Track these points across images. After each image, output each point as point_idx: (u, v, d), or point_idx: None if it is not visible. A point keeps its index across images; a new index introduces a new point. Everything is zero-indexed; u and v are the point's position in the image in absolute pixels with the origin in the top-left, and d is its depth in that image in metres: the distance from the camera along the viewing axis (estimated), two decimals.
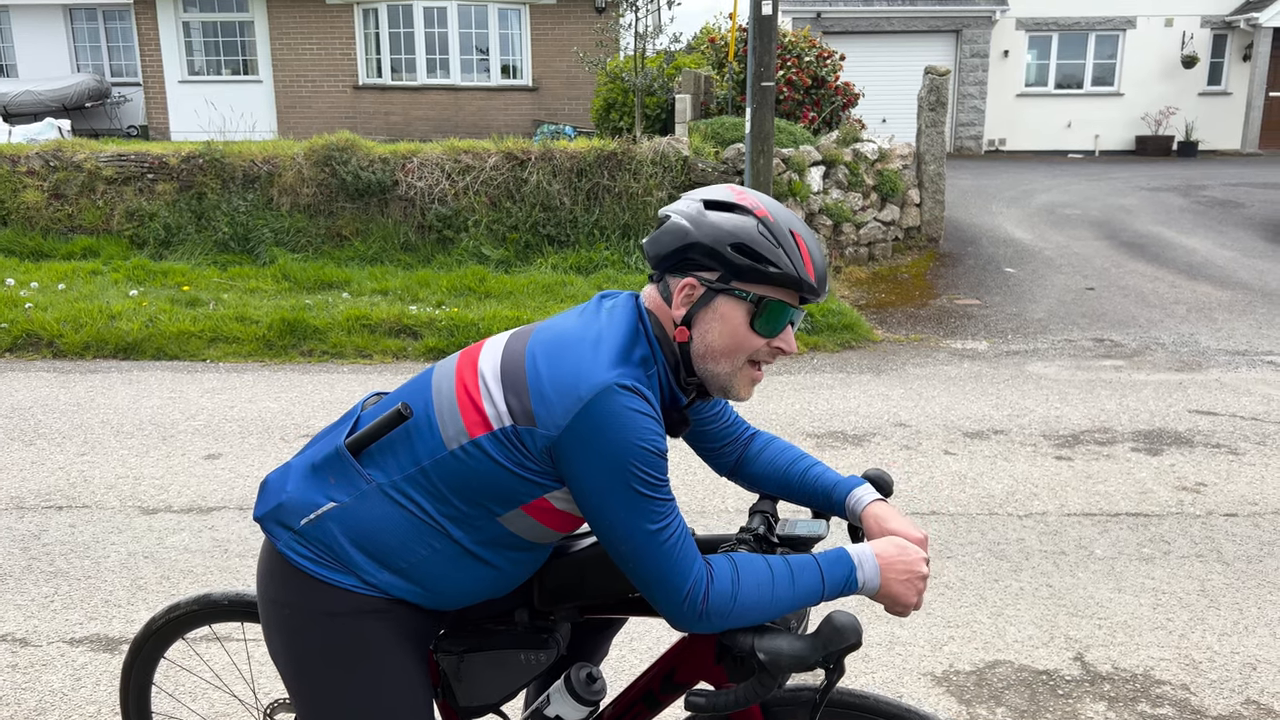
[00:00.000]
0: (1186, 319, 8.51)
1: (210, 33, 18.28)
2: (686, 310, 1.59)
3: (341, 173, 9.44)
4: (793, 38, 11.95)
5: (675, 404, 1.65)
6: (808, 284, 1.57)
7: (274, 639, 1.70)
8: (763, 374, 1.66)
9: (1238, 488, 4.85)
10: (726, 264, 1.56)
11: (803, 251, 1.57)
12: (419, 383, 1.71)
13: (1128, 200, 14.06)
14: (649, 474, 1.49)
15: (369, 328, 7.49)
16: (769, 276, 1.56)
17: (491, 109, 17.90)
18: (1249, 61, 20.64)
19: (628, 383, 1.49)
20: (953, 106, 19.97)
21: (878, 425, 5.74)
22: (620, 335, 1.57)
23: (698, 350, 1.60)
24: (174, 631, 2.14)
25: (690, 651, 1.77)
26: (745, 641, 1.54)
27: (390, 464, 1.63)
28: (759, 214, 1.58)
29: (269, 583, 1.70)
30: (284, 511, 1.67)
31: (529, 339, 1.61)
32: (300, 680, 1.68)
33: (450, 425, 1.59)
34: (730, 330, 1.58)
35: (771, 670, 1.51)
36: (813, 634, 1.52)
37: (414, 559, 1.62)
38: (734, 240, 1.55)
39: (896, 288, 9.59)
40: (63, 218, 9.74)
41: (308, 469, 1.69)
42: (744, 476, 1.92)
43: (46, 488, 4.72)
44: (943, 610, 3.66)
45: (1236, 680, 3.23)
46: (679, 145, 9.51)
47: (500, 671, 1.77)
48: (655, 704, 1.83)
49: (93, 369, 6.82)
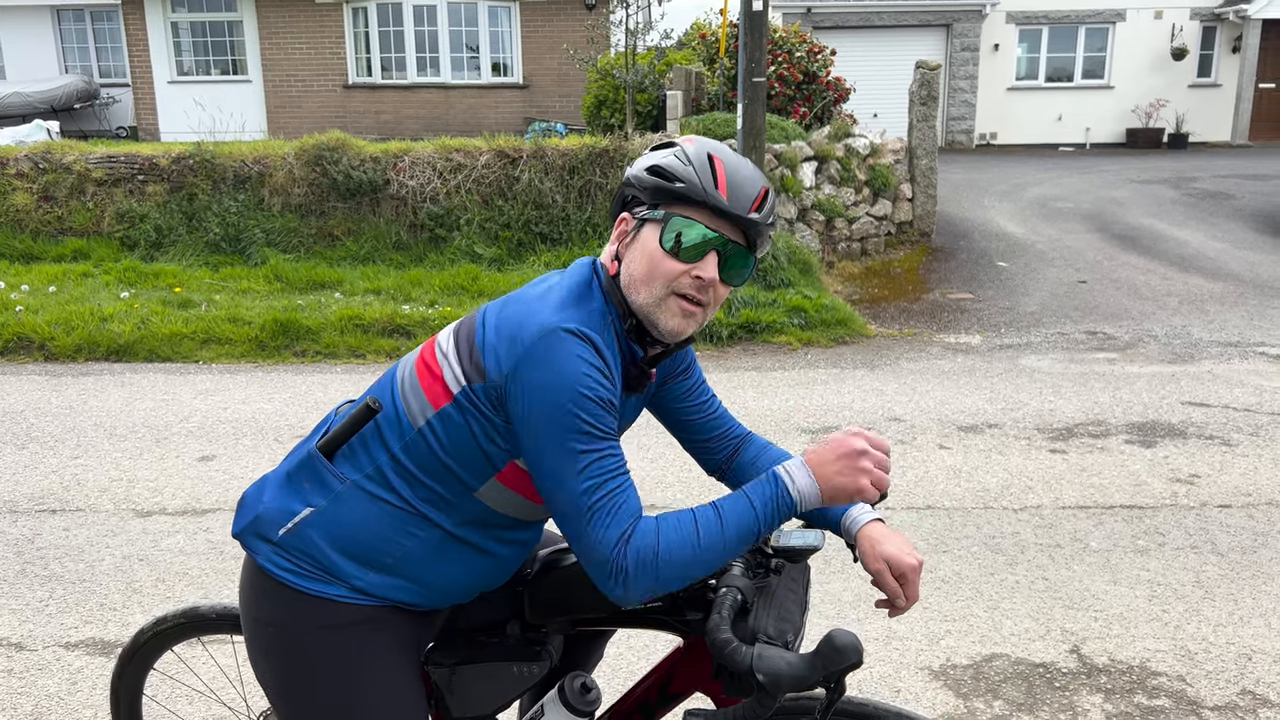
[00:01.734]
0: (1179, 311, 8.53)
1: (199, 33, 18.21)
2: (620, 245, 1.61)
3: (332, 172, 9.42)
4: (783, 33, 11.95)
5: (634, 357, 1.62)
6: (714, 198, 1.53)
7: (259, 660, 1.65)
8: (696, 308, 1.57)
9: (1231, 479, 4.87)
10: (642, 188, 1.58)
11: (718, 172, 1.55)
12: (385, 379, 1.70)
13: (1119, 193, 14.10)
14: (588, 420, 1.44)
15: (362, 328, 7.47)
16: (674, 193, 1.55)
17: (482, 107, 17.87)
18: (1238, 53, 20.69)
19: (572, 326, 1.47)
20: (944, 101, 19.99)
21: (872, 420, 5.75)
22: (570, 288, 1.57)
23: (624, 281, 1.59)
24: (161, 644, 2.11)
25: (686, 662, 1.75)
26: (744, 661, 1.49)
27: (363, 459, 1.61)
28: (683, 143, 1.60)
29: (252, 601, 1.65)
30: (261, 523, 1.63)
31: (483, 307, 1.63)
32: (288, 700, 1.63)
33: (415, 403, 1.58)
34: (647, 254, 1.56)
35: (771, 691, 1.49)
36: (812, 653, 1.48)
37: (399, 552, 1.59)
38: (649, 165, 1.59)
39: (889, 283, 9.60)
40: (53, 220, 9.69)
41: (283, 478, 1.67)
42: (735, 483, 1.86)
43: (40, 491, 4.70)
44: (939, 604, 3.66)
45: (1232, 671, 3.24)
46: None
47: (492, 683, 1.75)
48: (651, 715, 1.81)
49: (84, 371, 6.79)
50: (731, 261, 1.57)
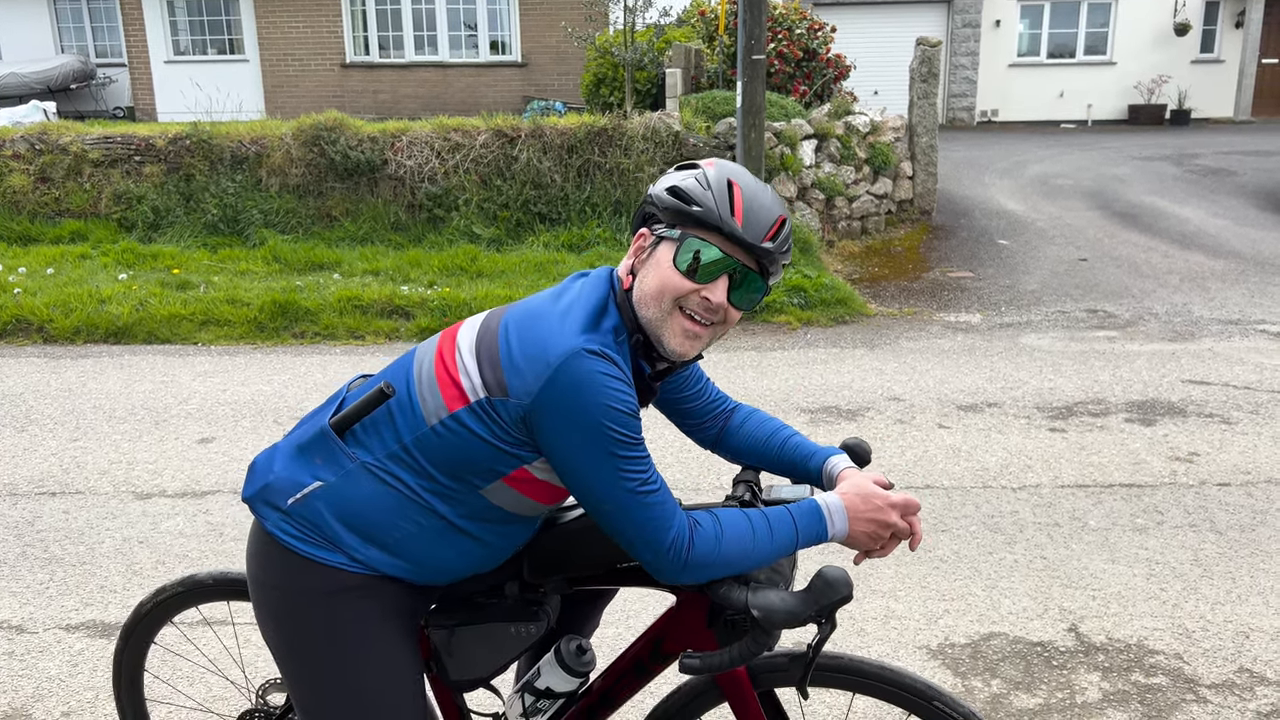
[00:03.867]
0: (1179, 289, 8.51)
1: (195, 11, 18.09)
2: (635, 260, 1.66)
3: (330, 152, 9.38)
4: (783, 10, 11.86)
5: (640, 373, 1.68)
6: (729, 225, 1.58)
7: (265, 620, 1.72)
8: (702, 329, 1.63)
9: (1230, 457, 4.87)
10: (662, 207, 1.63)
11: (735, 199, 1.59)
12: (402, 362, 1.74)
13: (1120, 170, 14.03)
14: (622, 433, 1.52)
15: (360, 309, 7.46)
16: (692, 216, 1.59)
17: (480, 85, 17.77)
18: (1241, 28, 20.54)
19: (594, 347, 1.52)
20: (944, 78, 19.87)
21: (871, 399, 5.75)
22: (589, 305, 1.61)
23: (636, 295, 1.64)
24: (163, 615, 2.14)
25: (678, 620, 1.79)
26: (739, 599, 1.57)
27: (374, 442, 1.66)
28: (704, 166, 1.65)
29: (258, 564, 1.72)
30: (271, 492, 1.69)
31: (504, 314, 1.65)
32: (291, 660, 1.70)
33: (430, 401, 1.62)
34: (660, 271, 1.61)
35: (765, 626, 1.55)
36: (805, 589, 1.57)
37: (400, 534, 1.65)
38: (669, 185, 1.64)
39: (889, 261, 9.57)
40: (50, 201, 9.66)
41: (294, 450, 1.72)
42: (726, 449, 1.96)
43: (39, 474, 4.70)
44: (937, 583, 3.67)
45: (1230, 649, 3.25)
46: (670, 120, 9.45)
47: (491, 644, 1.79)
48: (645, 673, 1.85)
49: (83, 354, 6.78)
50: (742, 286, 1.62)
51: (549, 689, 1.81)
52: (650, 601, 3.44)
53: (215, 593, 2.09)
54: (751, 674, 1.78)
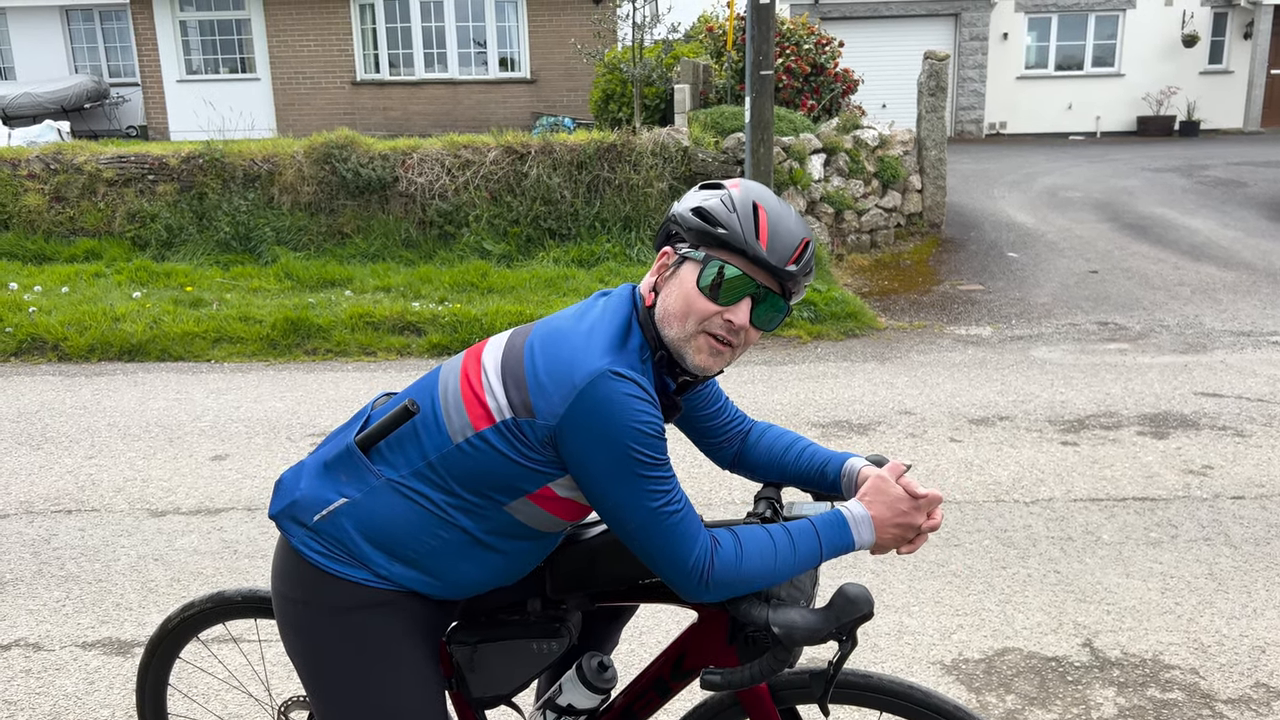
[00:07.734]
0: (1191, 301, 8.49)
1: (207, 31, 18.25)
2: (658, 278, 1.68)
3: (341, 170, 9.44)
4: (791, 25, 11.91)
5: (664, 389, 1.69)
6: (754, 248, 1.59)
7: (289, 635, 1.74)
8: (725, 348, 1.64)
9: (1244, 470, 4.85)
10: (687, 228, 1.63)
11: (761, 222, 1.60)
12: (427, 380, 1.76)
13: (1130, 182, 14.02)
14: (648, 454, 1.53)
15: (372, 325, 7.49)
16: (717, 238, 1.60)
17: (490, 102, 17.87)
18: (1250, 39, 20.53)
19: (619, 369, 1.54)
20: (953, 91, 19.90)
21: (883, 414, 5.75)
22: (613, 325, 1.63)
23: (658, 314, 1.65)
24: (189, 630, 2.16)
25: (700, 637, 1.80)
26: (760, 616, 1.58)
27: (399, 459, 1.68)
28: (729, 188, 1.65)
29: (283, 579, 1.74)
30: (298, 508, 1.72)
31: (529, 334, 1.66)
32: (315, 676, 1.72)
33: (456, 419, 1.64)
34: (683, 291, 1.63)
35: (785, 643, 1.55)
36: (825, 606, 1.57)
37: (424, 549, 1.66)
38: (694, 206, 1.64)
39: (899, 274, 9.58)
40: (64, 220, 9.74)
41: (320, 467, 1.74)
42: (744, 467, 1.97)
43: (55, 492, 4.74)
44: (950, 598, 3.66)
45: (1246, 663, 3.23)
46: (679, 136, 9.49)
47: (513, 661, 1.80)
48: (666, 691, 1.86)
49: (98, 371, 6.83)
50: (765, 307, 1.64)
51: (570, 706, 1.82)
52: (664, 618, 3.44)
53: (243, 610, 2.11)
54: (773, 690, 1.78)
